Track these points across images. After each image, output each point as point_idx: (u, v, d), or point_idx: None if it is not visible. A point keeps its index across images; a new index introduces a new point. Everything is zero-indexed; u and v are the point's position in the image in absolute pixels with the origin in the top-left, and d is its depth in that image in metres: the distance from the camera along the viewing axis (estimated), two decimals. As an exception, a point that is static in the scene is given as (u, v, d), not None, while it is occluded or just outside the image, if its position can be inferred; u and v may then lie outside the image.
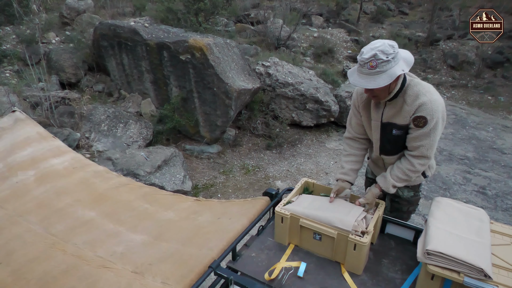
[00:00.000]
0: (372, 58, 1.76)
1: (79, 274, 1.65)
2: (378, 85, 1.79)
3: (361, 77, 1.84)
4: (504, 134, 7.00)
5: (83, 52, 6.46)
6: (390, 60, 1.76)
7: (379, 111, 2.05)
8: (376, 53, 1.75)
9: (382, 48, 1.76)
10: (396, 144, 2.07)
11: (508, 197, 4.95)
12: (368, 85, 1.82)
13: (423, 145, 1.94)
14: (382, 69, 1.77)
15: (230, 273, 1.65)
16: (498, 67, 9.87)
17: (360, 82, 1.85)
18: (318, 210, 1.93)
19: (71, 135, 4.85)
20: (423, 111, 1.87)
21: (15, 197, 2.21)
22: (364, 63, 1.79)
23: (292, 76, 6.56)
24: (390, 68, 1.77)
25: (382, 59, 1.75)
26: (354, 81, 1.88)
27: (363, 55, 1.79)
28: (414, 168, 2.00)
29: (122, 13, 8.77)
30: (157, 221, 2.13)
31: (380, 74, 1.78)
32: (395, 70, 1.77)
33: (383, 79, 1.78)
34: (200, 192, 4.97)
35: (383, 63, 1.76)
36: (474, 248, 1.54)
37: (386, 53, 1.75)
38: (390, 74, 1.77)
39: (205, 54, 5.32)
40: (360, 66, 1.83)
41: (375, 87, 1.81)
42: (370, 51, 1.77)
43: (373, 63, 1.76)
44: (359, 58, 1.83)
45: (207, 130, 5.86)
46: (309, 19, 11.21)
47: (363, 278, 1.77)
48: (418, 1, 14.85)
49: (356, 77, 1.87)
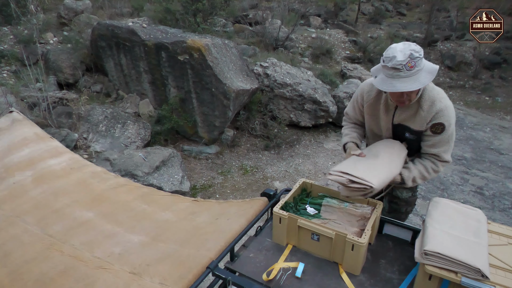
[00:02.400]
0: (408, 59, 1.71)
1: (76, 275, 1.65)
2: (423, 83, 1.74)
3: (400, 82, 1.74)
4: (501, 134, 7.03)
5: (81, 53, 6.44)
6: (422, 56, 1.74)
7: (390, 113, 2.02)
8: (411, 53, 1.71)
9: (411, 47, 1.73)
10: (409, 146, 2.08)
11: (505, 198, 4.97)
12: (412, 87, 1.73)
13: (444, 150, 1.97)
14: (420, 67, 1.74)
15: (228, 274, 1.65)
16: (496, 68, 9.92)
17: (402, 86, 1.74)
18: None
19: (69, 136, 4.83)
20: (441, 117, 1.87)
21: (12, 198, 2.20)
22: (402, 66, 1.71)
23: (290, 76, 6.57)
24: (425, 64, 1.76)
25: (418, 57, 1.72)
26: (392, 88, 1.76)
27: (397, 59, 1.71)
28: (437, 168, 2.02)
29: (120, 14, 8.76)
30: (155, 221, 2.12)
31: (420, 72, 1.74)
32: (429, 65, 1.76)
33: (425, 76, 1.75)
34: (198, 193, 4.96)
35: (419, 60, 1.72)
36: (472, 248, 1.55)
37: (417, 50, 1.73)
38: (430, 70, 1.75)
39: (203, 54, 5.32)
40: (395, 71, 1.73)
41: (421, 86, 1.76)
42: (403, 52, 1.72)
43: (411, 63, 1.71)
44: (392, 64, 1.73)
45: (205, 130, 5.86)
46: (307, 20, 11.23)
47: (361, 278, 1.77)
48: (416, 2, 14.90)
49: (391, 84, 1.76)
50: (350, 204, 2.10)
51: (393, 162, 1.96)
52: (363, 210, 2.05)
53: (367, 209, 2.05)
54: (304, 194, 2.25)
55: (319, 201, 2.16)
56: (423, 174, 2.04)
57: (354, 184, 1.79)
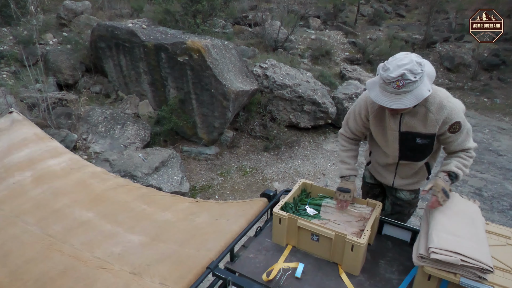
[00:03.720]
0: (399, 77, 1.64)
1: (76, 275, 1.65)
2: (404, 105, 1.70)
3: (385, 95, 1.72)
4: (500, 136, 7.05)
5: (80, 54, 6.45)
6: (418, 80, 1.65)
7: (396, 121, 1.97)
8: (404, 73, 1.63)
9: (410, 67, 1.63)
10: (420, 152, 2.05)
11: (504, 199, 4.98)
12: (392, 105, 1.71)
13: (467, 140, 1.97)
14: (409, 89, 1.66)
15: (228, 274, 1.66)
16: (494, 70, 9.96)
17: (384, 100, 1.73)
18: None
19: (68, 136, 4.83)
20: (454, 117, 1.86)
21: (12, 198, 2.20)
22: (390, 82, 1.67)
23: (290, 78, 6.58)
24: (417, 87, 1.67)
25: (410, 80, 1.64)
26: (377, 98, 1.76)
27: (389, 73, 1.66)
28: (472, 155, 1.99)
29: (119, 15, 8.76)
30: (154, 222, 2.12)
31: (406, 94, 1.67)
32: (422, 91, 1.67)
33: (409, 100, 1.68)
34: (198, 194, 4.96)
35: (410, 83, 1.65)
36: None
37: (414, 72, 1.63)
38: (417, 95, 1.67)
39: (203, 55, 5.33)
40: (384, 83, 1.70)
41: (400, 107, 1.72)
42: (397, 69, 1.64)
43: (400, 82, 1.65)
44: (383, 75, 1.69)
45: (205, 131, 5.86)
46: (306, 21, 11.25)
47: (360, 279, 1.78)
48: (415, 3, 14.94)
49: (379, 94, 1.75)
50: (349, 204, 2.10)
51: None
52: (362, 210, 2.06)
53: (366, 210, 2.06)
54: (304, 194, 2.26)
55: (319, 201, 2.17)
56: (465, 163, 1.96)
57: (465, 263, 1.48)
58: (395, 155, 2.13)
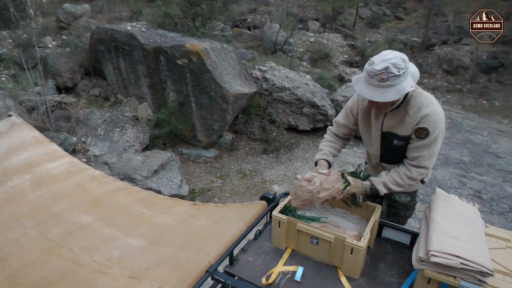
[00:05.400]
0: (383, 70, 1.70)
1: (75, 279, 1.64)
2: (386, 99, 1.75)
3: (369, 88, 1.78)
4: (499, 138, 7.06)
5: (79, 57, 6.45)
6: (401, 74, 1.71)
7: (379, 120, 2.03)
8: (388, 66, 1.69)
9: (394, 61, 1.70)
10: (397, 154, 2.07)
11: (503, 201, 4.98)
12: (375, 97, 1.76)
13: (423, 155, 1.94)
14: (392, 83, 1.71)
15: (227, 278, 1.65)
16: (493, 72, 9.98)
17: (367, 93, 1.79)
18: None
19: (68, 140, 4.83)
20: (425, 122, 1.86)
21: (10, 202, 2.19)
22: (374, 75, 1.72)
23: (289, 80, 6.59)
24: (400, 82, 1.72)
25: (394, 73, 1.69)
26: (361, 91, 1.82)
27: (374, 66, 1.72)
28: (411, 175, 2.00)
29: (119, 18, 8.78)
30: (154, 225, 2.12)
31: (389, 88, 1.73)
32: (405, 85, 1.73)
33: (391, 94, 1.73)
34: (197, 197, 4.96)
35: (394, 77, 1.70)
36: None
37: (398, 67, 1.70)
38: (399, 90, 1.72)
39: (202, 58, 5.34)
40: (368, 76, 1.76)
41: (383, 101, 1.77)
42: (382, 63, 1.70)
43: (384, 76, 1.70)
44: (368, 69, 1.75)
45: (204, 134, 5.86)
46: (305, 24, 11.29)
47: (360, 282, 1.78)
48: (414, 6, 15.01)
49: (363, 87, 1.80)
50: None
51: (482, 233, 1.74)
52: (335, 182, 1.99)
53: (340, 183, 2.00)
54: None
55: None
56: (395, 180, 2.01)
57: (465, 266, 1.48)
58: (377, 155, 2.18)
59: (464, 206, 1.90)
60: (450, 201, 1.89)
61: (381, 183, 2.03)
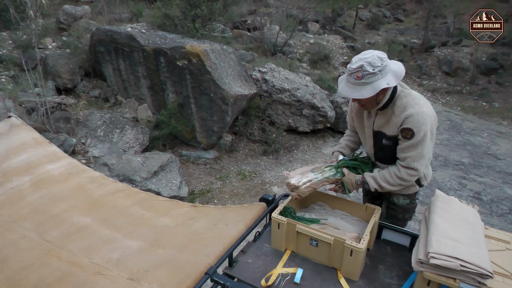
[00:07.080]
0: (358, 69, 1.78)
1: (74, 281, 1.64)
2: (362, 96, 1.82)
3: (348, 86, 1.87)
4: (498, 139, 7.06)
5: (79, 58, 6.46)
6: (377, 72, 1.78)
7: (371, 120, 2.09)
8: (363, 65, 1.77)
9: (370, 60, 1.77)
10: (388, 153, 2.09)
11: (503, 203, 4.98)
12: (352, 95, 1.85)
13: (410, 156, 1.94)
14: (367, 80, 1.79)
15: (226, 280, 1.65)
16: (492, 74, 9.98)
17: (346, 91, 1.88)
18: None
19: (67, 141, 4.83)
20: (409, 123, 1.87)
21: (10, 203, 2.19)
22: (351, 73, 1.82)
23: (289, 82, 6.60)
24: (376, 80, 1.79)
25: (368, 71, 1.77)
26: (341, 90, 1.92)
27: (351, 64, 1.82)
28: (400, 175, 2.00)
29: (119, 19, 8.79)
30: (153, 227, 2.12)
31: (365, 85, 1.80)
32: (380, 83, 1.79)
33: (367, 91, 1.80)
34: (197, 198, 4.95)
35: (369, 75, 1.78)
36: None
37: (373, 65, 1.77)
38: (374, 87, 1.79)
39: (202, 60, 5.34)
40: (347, 74, 1.86)
41: (359, 98, 1.85)
42: (358, 62, 1.79)
43: (359, 73, 1.79)
44: (347, 67, 1.86)
45: (204, 135, 5.86)
46: (305, 25, 11.30)
47: (359, 284, 1.77)
48: (413, 8, 15.03)
49: (344, 85, 1.90)
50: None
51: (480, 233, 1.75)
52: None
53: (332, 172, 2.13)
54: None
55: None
56: (386, 177, 2.04)
57: (465, 268, 1.48)
58: (371, 153, 2.23)
59: (463, 208, 1.89)
60: (450, 203, 1.89)
61: (372, 177, 2.09)
